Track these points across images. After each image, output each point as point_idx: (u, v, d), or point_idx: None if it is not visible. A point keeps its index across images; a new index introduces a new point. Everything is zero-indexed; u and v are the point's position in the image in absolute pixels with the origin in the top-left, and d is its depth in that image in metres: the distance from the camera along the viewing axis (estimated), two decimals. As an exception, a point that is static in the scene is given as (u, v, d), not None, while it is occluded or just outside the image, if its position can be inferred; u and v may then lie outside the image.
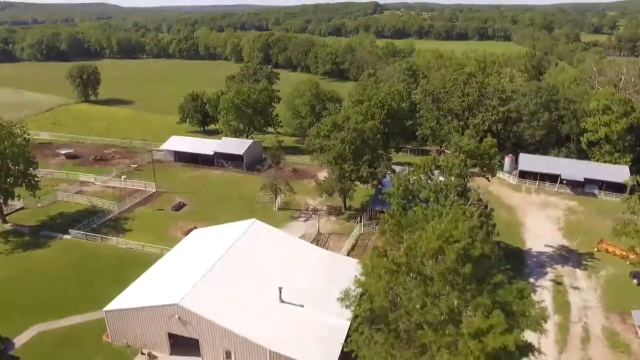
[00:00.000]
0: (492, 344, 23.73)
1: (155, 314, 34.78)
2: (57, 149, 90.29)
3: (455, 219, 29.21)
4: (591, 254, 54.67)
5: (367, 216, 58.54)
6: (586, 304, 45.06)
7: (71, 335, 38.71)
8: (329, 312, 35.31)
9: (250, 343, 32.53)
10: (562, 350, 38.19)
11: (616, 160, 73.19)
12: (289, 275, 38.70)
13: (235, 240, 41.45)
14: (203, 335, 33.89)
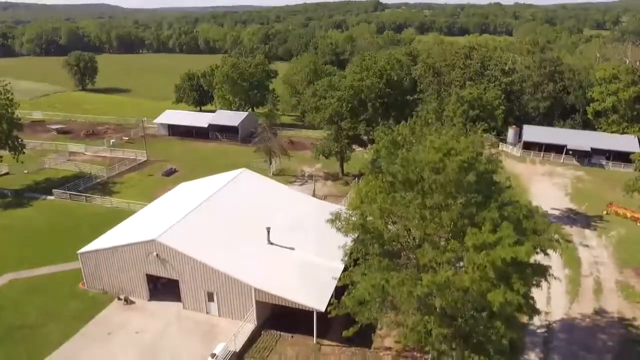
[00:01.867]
0: (501, 254, 21.14)
1: (132, 253, 32.20)
2: (48, 125, 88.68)
3: (457, 135, 26.72)
4: (600, 217, 52.02)
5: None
6: (597, 259, 42.39)
7: (45, 283, 36.24)
8: (321, 255, 32.80)
9: (235, 281, 29.95)
10: (573, 301, 35.45)
11: (624, 130, 70.64)
12: (279, 219, 36.02)
13: (222, 186, 38.94)
14: (183, 275, 31.26)
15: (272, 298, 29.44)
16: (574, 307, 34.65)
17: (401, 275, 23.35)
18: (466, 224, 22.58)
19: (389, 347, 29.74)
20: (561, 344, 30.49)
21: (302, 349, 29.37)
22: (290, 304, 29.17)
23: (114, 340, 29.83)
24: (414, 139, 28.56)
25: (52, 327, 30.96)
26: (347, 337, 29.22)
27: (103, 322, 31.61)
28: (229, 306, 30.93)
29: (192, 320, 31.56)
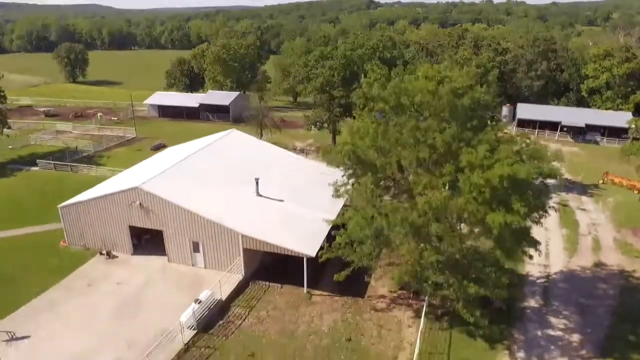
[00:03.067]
0: (499, 172, 20.11)
1: (114, 204, 30.82)
2: (36, 108, 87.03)
3: (451, 67, 25.78)
4: (596, 186, 51.30)
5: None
6: (595, 221, 41.51)
7: (24, 242, 34.73)
8: (312, 208, 31.64)
9: (221, 228, 28.63)
10: (572, 256, 34.46)
11: (618, 107, 70.23)
12: (269, 174, 34.88)
13: (209, 143, 37.71)
14: (167, 225, 29.91)
15: (261, 245, 28.18)
16: (574, 260, 33.67)
17: (394, 203, 22.33)
18: (461, 148, 21.61)
19: (383, 295, 28.63)
20: (561, 292, 29.45)
21: (292, 297, 28.12)
22: (280, 250, 27.94)
23: (95, 291, 28.40)
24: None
25: (30, 279, 29.49)
26: (340, 288, 28.44)
27: (83, 274, 30.20)
28: (216, 257, 29.63)
29: (177, 272, 30.22)
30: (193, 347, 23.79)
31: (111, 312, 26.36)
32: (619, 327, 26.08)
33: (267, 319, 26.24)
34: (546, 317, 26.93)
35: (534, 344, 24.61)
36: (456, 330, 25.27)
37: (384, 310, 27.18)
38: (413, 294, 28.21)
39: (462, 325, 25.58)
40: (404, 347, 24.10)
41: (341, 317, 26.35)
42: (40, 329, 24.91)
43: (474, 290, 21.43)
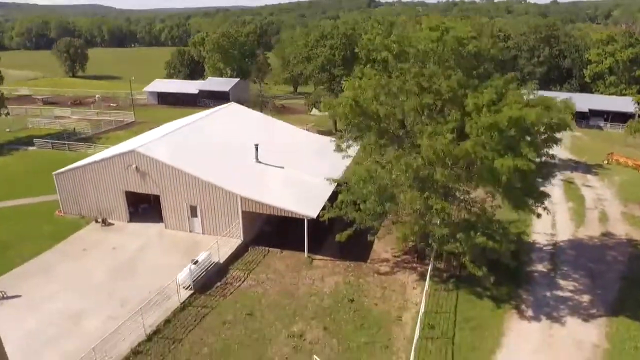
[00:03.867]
0: (507, 114, 19.34)
1: (110, 168, 30.01)
2: (34, 97, 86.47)
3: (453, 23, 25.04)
4: (601, 166, 50.63)
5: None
6: (601, 197, 40.69)
7: (18, 212, 34.02)
8: (313, 175, 30.87)
9: (220, 191, 27.85)
10: (579, 226, 33.62)
11: (621, 92, 69.62)
12: (269, 143, 34.14)
13: (208, 114, 37.01)
14: (164, 189, 29.12)
15: (260, 207, 27.40)
16: (581, 230, 32.85)
17: (398, 152, 21.57)
18: (467, 94, 20.86)
19: (386, 259, 27.85)
20: (569, 258, 28.65)
21: (293, 261, 27.31)
22: (279, 212, 27.19)
23: (89, 255, 27.59)
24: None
25: (24, 245, 28.64)
26: (342, 253, 27.68)
27: (78, 240, 29.42)
28: (214, 221, 28.85)
29: (174, 237, 29.41)
30: (189, 307, 22.97)
31: (106, 275, 25.54)
32: (629, 290, 25.23)
33: (266, 281, 25.43)
34: (555, 280, 26.13)
35: (543, 303, 23.81)
36: (462, 292, 24.44)
37: (387, 273, 26.37)
38: (417, 258, 27.44)
39: (468, 286, 24.86)
40: (408, 307, 23.29)
41: (343, 280, 25.54)
42: (32, 290, 24.11)
43: (481, 241, 20.64)
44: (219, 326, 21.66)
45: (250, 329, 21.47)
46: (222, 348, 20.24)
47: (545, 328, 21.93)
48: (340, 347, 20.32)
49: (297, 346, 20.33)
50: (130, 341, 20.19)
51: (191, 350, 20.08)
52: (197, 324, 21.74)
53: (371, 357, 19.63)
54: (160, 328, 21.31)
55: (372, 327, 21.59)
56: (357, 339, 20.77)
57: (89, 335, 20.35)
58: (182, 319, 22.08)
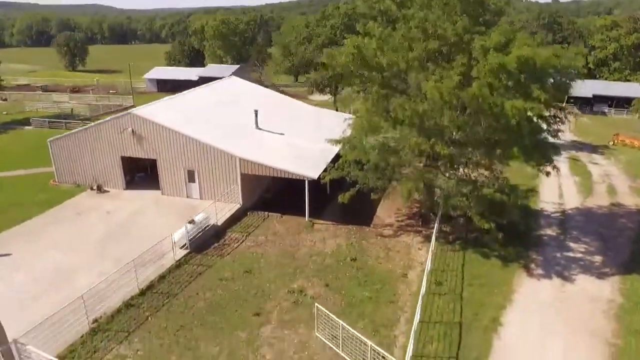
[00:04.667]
0: (517, 53, 18.52)
1: (105, 133, 29.10)
2: (33, 85, 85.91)
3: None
4: (606, 146, 49.90)
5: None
6: (608, 173, 39.89)
7: (11, 182, 33.25)
8: (316, 142, 30.03)
9: (218, 153, 26.98)
10: (587, 197, 32.78)
11: (626, 78, 68.96)
12: (270, 112, 33.33)
13: (208, 85, 36.17)
14: (161, 153, 28.23)
15: (259, 168, 26.54)
16: (589, 200, 31.96)
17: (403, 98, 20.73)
18: (473, 39, 20.03)
19: (390, 224, 26.97)
20: (579, 224, 27.73)
21: (293, 225, 26.43)
22: (279, 174, 26.32)
23: (82, 219, 26.71)
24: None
25: (16, 211, 27.72)
26: (344, 218, 26.79)
27: (72, 205, 28.58)
28: (212, 186, 27.96)
29: (171, 202, 28.52)
30: (185, 265, 22.08)
31: (99, 236, 24.63)
32: (642, 252, 24.55)
33: (265, 242, 24.55)
34: (565, 242, 25.23)
35: (553, 263, 22.90)
36: (469, 252, 23.53)
37: (391, 236, 25.46)
38: (422, 223, 26.58)
39: (475, 247, 23.99)
40: (413, 266, 22.39)
41: (345, 242, 24.64)
42: (23, 249, 23.22)
43: (489, 192, 19.82)
44: (216, 282, 20.77)
45: (248, 286, 20.56)
46: (219, 302, 19.34)
47: (557, 285, 21.03)
48: (343, 302, 19.43)
49: (298, 301, 19.43)
50: (122, 294, 19.35)
51: (186, 304, 19.18)
52: (192, 280, 20.85)
53: (375, 311, 18.74)
54: (154, 284, 20.41)
55: (376, 284, 20.71)
56: (360, 294, 19.88)
57: (80, 290, 19.38)
58: (178, 276, 21.20)
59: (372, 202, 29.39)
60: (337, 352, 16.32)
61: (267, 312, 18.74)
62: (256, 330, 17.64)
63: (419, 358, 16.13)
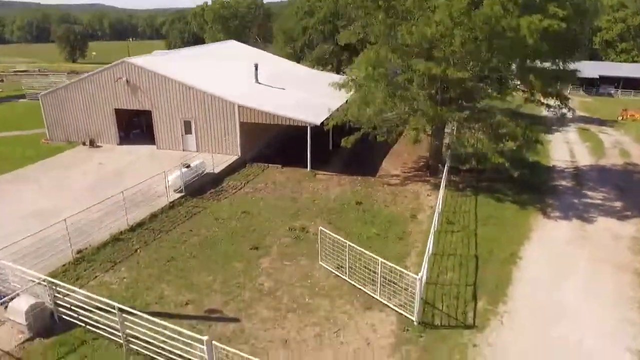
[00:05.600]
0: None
1: (98, 84, 27.75)
2: (31, 71, 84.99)
3: None
4: (615, 121, 48.61)
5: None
6: (619, 140, 38.49)
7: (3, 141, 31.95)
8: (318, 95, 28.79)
9: (216, 101, 25.61)
10: (600, 158, 31.51)
11: (633, 59, 67.74)
12: (270, 71, 32.08)
13: (203, 45, 34.95)
14: (157, 103, 26.86)
15: (259, 116, 25.19)
16: (602, 160, 30.57)
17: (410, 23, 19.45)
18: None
19: (396, 175, 25.68)
20: (595, 177, 26.32)
21: (294, 175, 25.05)
22: (280, 121, 24.96)
23: (73, 169, 25.30)
24: None
25: (5, 164, 26.46)
26: (348, 169, 25.49)
27: (62, 158, 27.23)
28: (209, 137, 26.60)
29: (167, 154, 27.08)
30: (179, 206, 20.74)
31: (89, 181, 23.25)
32: (663, 201, 23.20)
33: (265, 189, 23.19)
34: (582, 191, 23.85)
35: (571, 207, 21.52)
36: (481, 197, 22.18)
37: (398, 185, 24.11)
38: (430, 172, 25.23)
39: (487, 193, 22.67)
40: (423, 209, 21.00)
41: (350, 189, 23.30)
42: (7, 193, 21.83)
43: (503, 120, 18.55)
44: (212, 221, 19.42)
45: (246, 224, 19.18)
46: (214, 238, 17.96)
47: (577, 225, 19.67)
48: (349, 239, 18.14)
49: (299, 237, 18.06)
50: (111, 230, 18.04)
51: (179, 239, 17.82)
52: (186, 220, 19.52)
53: (384, 246, 17.32)
54: (145, 222, 19.04)
55: (384, 224, 19.33)
56: (367, 232, 18.52)
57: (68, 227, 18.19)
58: (171, 216, 19.81)
59: (377, 155, 28.28)
60: (343, 280, 14.98)
61: (266, 247, 17.38)
62: (254, 262, 16.32)
63: (434, 285, 14.84)
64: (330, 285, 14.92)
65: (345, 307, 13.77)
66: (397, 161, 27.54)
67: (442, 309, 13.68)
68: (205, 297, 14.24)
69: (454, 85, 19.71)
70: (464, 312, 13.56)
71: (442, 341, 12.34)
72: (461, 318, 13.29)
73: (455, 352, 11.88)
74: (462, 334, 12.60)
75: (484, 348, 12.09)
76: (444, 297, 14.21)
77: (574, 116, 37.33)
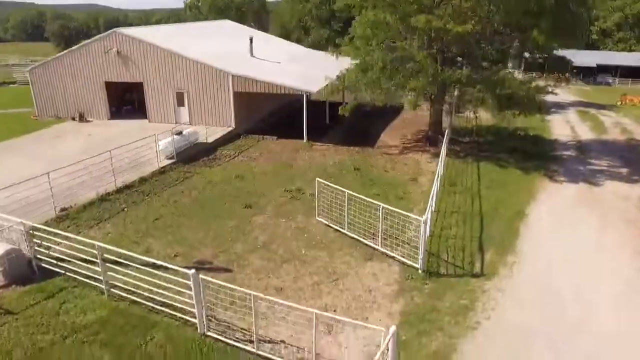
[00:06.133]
0: None
1: (88, 56, 26.87)
2: (23, 63, 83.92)
3: None
4: (614, 106, 48.15)
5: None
6: (620, 121, 38.01)
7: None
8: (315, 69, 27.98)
9: (209, 71, 24.81)
10: (602, 134, 30.89)
11: (631, 49, 67.38)
12: (266, 49, 31.32)
13: (200, 23, 34.15)
14: (148, 74, 26.00)
15: (253, 85, 24.36)
16: (604, 136, 30.01)
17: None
18: None
19: (395, 145, 24.94)
20: (598, 148, 25.61)
21: (290, 145, 24.24)
22: (275, 89, 24.20)
23: (61, 140, 24.37)
24: None
25: (-11, 137, 25.75)
26: (346, 141, 24.74)
27: (51, 131, 26.32)
28: (202, 109, 25.76)
29: (158, 127, 26.06)
30: (170, 172, 19.92)
31: (77, 150, 22.27)
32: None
33: (260, 157, 22.43)
34: (586, 160, 23.17)
35: (577, 173, 20.80)
36: (484, 164, 21.52)
37: (397, 154, 23.40)
38: (429, 143, 24.50)
39: (489, 161, 22.03)
40: (424, 173, 20.24)
41: (348, 157, 22.57)
42: (-10, 160, 21.12)
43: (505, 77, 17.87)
44: (203, 184, 18.57)
45: (239, 187, 18.37)
46: (206, 198, 17.12)
47: (584, 188, 18.97)
48: (347, 199, 17.40)
49: (295, 197, 17.31)
50: (97, 190, 17.18)
51: (168, 199, 17.01)
52: (177, 183, 18.75)
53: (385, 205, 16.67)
54: (135, 184, 18.22)
55: (383, 186, 18.52)
56: (367, 193, 17.79)
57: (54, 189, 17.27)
58: (161, 180, 18.98)
59: (375, 130, 27.56)
60: (342, 234, 14.16)
61: (261, 206, 16.57)
62: (247, 219, 15.49)
63: (437, 238, 14.09)
64: (328, 239, 14.11)
65: (345, 258, 12.98)
66: (396, 134, 26.78)
67: (448, 259, 12.93)
68: (195, 251, 13.41)
69: (455, 42, 19.02)
70: (471, 262, 12.80)
71: (449, 288, 11.57)
72: (468, 268, 12.54)
73: (464, 297, 11.13)
74: (469, 282, 11.83)
75: (494, 293, 11.32)
76: (449, 249, 13.45)
77: (573, 101, 36.72)
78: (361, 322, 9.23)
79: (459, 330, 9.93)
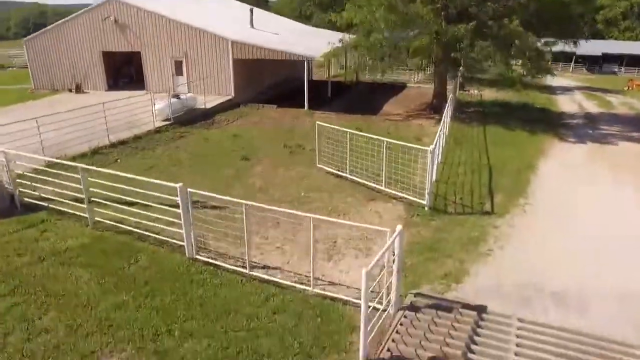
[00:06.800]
0: None
1: (85, 26, 26.36)
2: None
3: None
4: (620, 91, 47.39)
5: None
6: (628, 102, 37.16)
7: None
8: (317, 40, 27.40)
9: (209, 38, 24.10)
10: (609, 109, 29.87)
11: (637, 37, 66.57)
12: (265, 20, 30.76)
13: None
14: (146, 43, 25.40)
15: (253, 51, 23.69)
16: (612, 110, 29.31)
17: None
18: None
19: (399, 114, 24.26)
20: (606, 119, 24.96)
21: (290, 113, 23.60)
22: (276, 56, 23.49)
23: (55, 107, 23.46)
24: None
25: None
26: (347, 111, 24.11)
27: (45, 101, 25.76)
28: (201, 77, 25.16)
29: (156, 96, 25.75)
30: (166, 132, 19.28)
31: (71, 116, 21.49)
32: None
33: (259, 122, 21.80)
34: (596, 125, 22.55)
35: (586, 135, 20.15)
36: (490, 127, 20.85)
37: (400, 121, 22.73)
38: (433, 111, 23.82)
39: (497, 125, 21.31)
40: (428, 134, 19.62)
41: (350, 123, 21.86)
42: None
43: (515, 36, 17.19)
44: (200, 142, 17.91)
45: (239, 144, 17.74)
46: (203, 153, 16.44)
47: (595, 146, 18.26)
48: (348, 156, 16.71)
49: (294, 151, 16.58)
50: (90, 144, 16.55)
51: (163, 154, 16.34)
52: (173, 141, 18.09)
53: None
54: (129, 141, 17.61)
55: (386, 144, 17.98)
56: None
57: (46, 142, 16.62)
58: (156, 138, 18.36)
59: (377, 102, 26.92)
60: (343, 179, 13.50)
61: (259, 159, 15.94)
62: (245, 169, 14.79)
63: (444, 184, 13.41)
64: (329, 184, 13.44)
65: (347, 200, 12.29)
66: (400, 106, 26.06)
67: (456, 200, 12.26)
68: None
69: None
70: (480, 202, 12.11)
71: (458, 224, 10.86)
72: (478, 207, 11.86)
73: (475, 231, 10.42)
74: (480, 218, 11.14)
75: (506, 229, 10.61)
76: (457, 192, 12.80)
77: (578, 86, 35.80)
78: (364, 224, 8.70)
79: (470, 257, 9.22)
